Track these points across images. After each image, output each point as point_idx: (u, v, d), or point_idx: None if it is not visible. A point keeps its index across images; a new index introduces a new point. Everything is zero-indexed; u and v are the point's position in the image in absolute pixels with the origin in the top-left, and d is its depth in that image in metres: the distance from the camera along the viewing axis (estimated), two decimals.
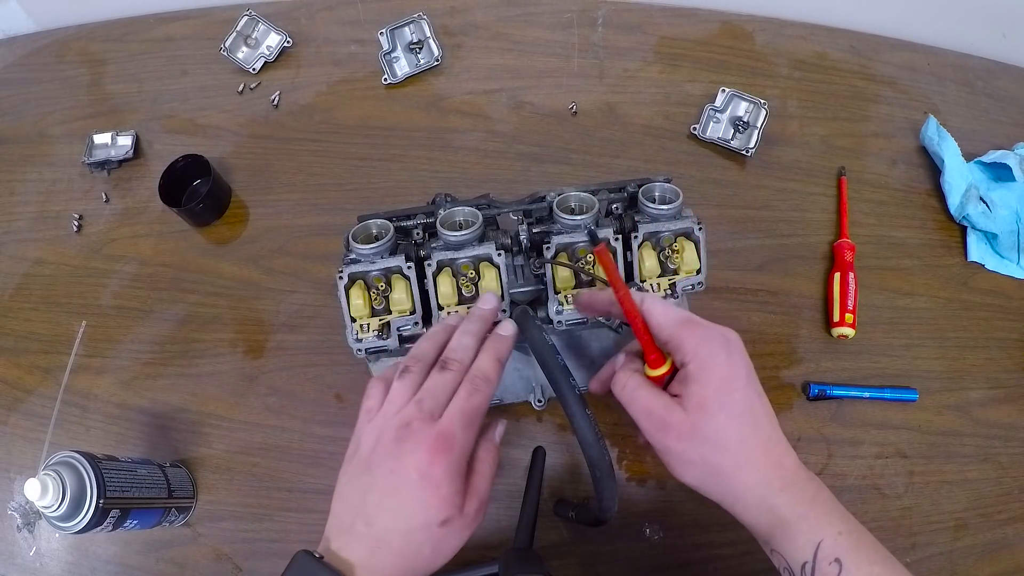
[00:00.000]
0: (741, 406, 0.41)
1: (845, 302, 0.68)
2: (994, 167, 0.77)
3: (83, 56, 0.88)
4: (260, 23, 0.85)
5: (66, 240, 0.77)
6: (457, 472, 0.42)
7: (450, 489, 0.41)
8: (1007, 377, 0.68)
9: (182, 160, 0.75)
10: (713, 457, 0.41)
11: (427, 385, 0.45)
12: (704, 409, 0.41)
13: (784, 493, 0.41)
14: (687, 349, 0.42)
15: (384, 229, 0.56)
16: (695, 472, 0.43)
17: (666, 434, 0.42)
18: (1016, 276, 0.73)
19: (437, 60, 0.82)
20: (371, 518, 0.41)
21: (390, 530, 0.41)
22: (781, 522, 0.41)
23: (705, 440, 0.41)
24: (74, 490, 0.50)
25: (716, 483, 0.43)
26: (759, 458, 0.42)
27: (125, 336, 0.71)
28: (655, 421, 0.42)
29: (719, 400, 0.41)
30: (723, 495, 0.43)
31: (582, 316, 0.56)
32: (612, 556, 0.60)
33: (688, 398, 0.41)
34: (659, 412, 0.42)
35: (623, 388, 0.45)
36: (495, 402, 0.63)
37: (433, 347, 0.48)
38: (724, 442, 0.41)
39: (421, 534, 0.41)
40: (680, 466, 0.43)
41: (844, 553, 0.39)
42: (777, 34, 0.87)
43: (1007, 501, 0.63)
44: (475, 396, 0.44)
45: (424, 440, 0.41)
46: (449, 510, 0.41)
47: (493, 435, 0.48)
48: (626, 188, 0.60)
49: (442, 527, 0.42)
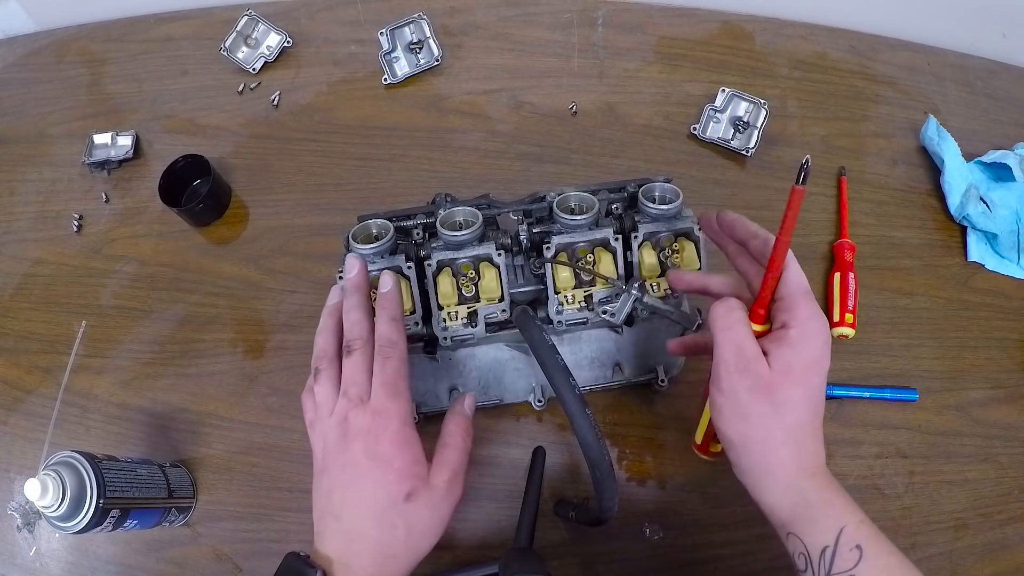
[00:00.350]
0: (814, 391, 0.42)
1: (845, 302, 0.68)
2: (994, 167, 0.77)
3: (83, 56, 0.88)
4: (260, 23, 0.85)
5: (66, 240, 0.77)
6: (405, 442, 0.43)
7: (404, 460, 0.43)
8: (1007, 377, 0.68)
9: (182, 160, 0.75)
10: (770, 422, 0.41)
11: (344, 375, 0.46)
12: (788, 375, 0.41)
13: (815, 477, 0.42)
14: (799, 314, 0.42)
15: (384, 229, 0.56)
16: (744, 428, 0.42)
17: (743, 377, 0.42)
18: (1016, 276, 0.73)
19: (437, 60, 0.82)
20: (338, 513, 0.43)
21: (358, 518, 0.42)
22: (806, 504, 0.41)
23: (773, 403, 0.41)
24: (74, 490, 0.50)
25: (757, 449, 0.42)
26: (805, 441, 0.42)
27: (125, 336, 0.71)
28: (741, 360, 0.42)
29: (803, 375, 0.41)
30: (755, 464, 0.42)
31: (582, 319, 0.56)
32: (612, 556, 0.60)
33: (777, 358, 0.41)
34: (749, 355, 0.42)
35: (727, 315, 0.43)
36: (495, 401, 0.63)
37: (330, 338, 0.48)
38: (787, 413, 0.41)
39: (389, 514, 0.42)
40: (732, 415, 0.43)
41: (865, 541, 0.40)
42: (777, 34, 0.87)
43: (1007, 501, 0.63)
44: (389, 363, 0.45)
45: (362, 425, 0.43)
46: (410, 481, 0.42)
47: (462, 407, 0.50)
48: (626, 188, 0.60)
49: (408, 502, 0.42)
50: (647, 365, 0.63)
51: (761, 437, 0.42)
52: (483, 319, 0.55)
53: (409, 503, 0.42)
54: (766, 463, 0.42)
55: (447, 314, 0.55)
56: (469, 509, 0.62)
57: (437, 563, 0.59)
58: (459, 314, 0.55)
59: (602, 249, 0.55)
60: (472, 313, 0.55)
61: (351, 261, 0.51)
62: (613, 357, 0.63)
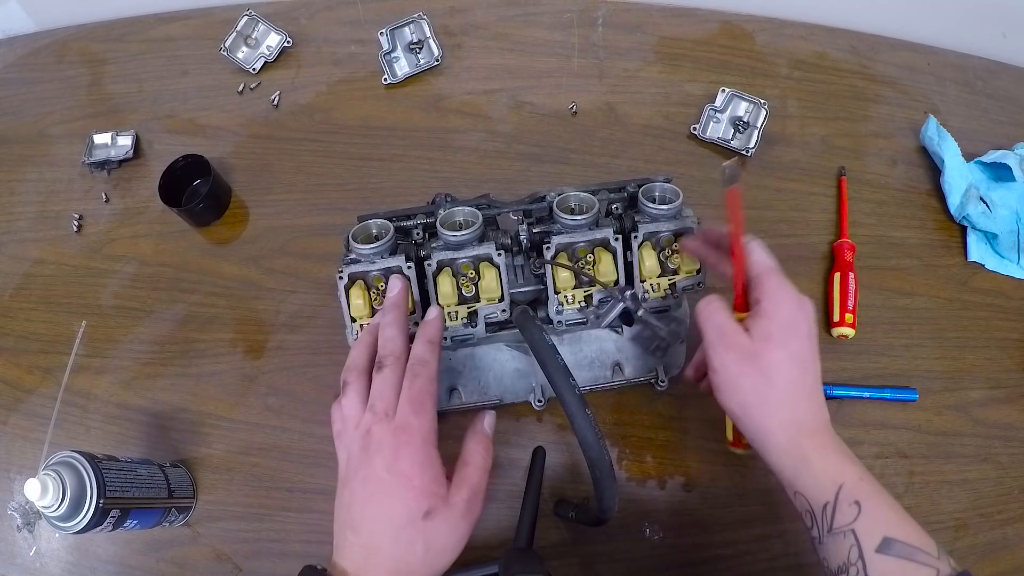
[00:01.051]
0: (798, 351, 0.45)
1: (845, 302, 0.68)
2: (994, 167, 0.77)
3: (83, 56, 0.88)
4: (260, 23, 0.85)
5: (66, 240, 0.77)
6: (426, 461, 0.43)
7: (424, 479, 0.42)
8: (1007, 377, 0.68)
9: (182, 160, 0.75)
10: (762, 388, 0.45)
11: (373, 389, 0.46)
12: (768, 341, 0.45)
13: (814, 437, 0.45)
14: (767, 288, 0.46)
15: (384, 229, 0.56)
16: (741, 398, 0.46)
17: (729, 352, 0.46)
18: (1016, 276, 0.73)
19: (437, 60, 0.82)
20: (357, 526, 0.43)
21: (376, 533, 0.42)
22: (806, 461, 0.44)
23: (759, 369, 0.45)
24: (74, 490, 0.50)
25: (756, 414, 0.45)
26: (800, 401, 0.45)
27: (125, 336, 0.71)
28: (725, 339, 0.46)
29: (782, 337, 0.45)
30: (757, 429, 0.45)
31: (582, 319, 0.56)
32: (612, 556, 0.60)
33: (756, 329, 0.46)
34: (730, 332, 0.46)
35: (706, 306, 0.48)
36: (495, 401, 0.63)
37: (363, 351, 0.49)
38: (775, 376, 0.45)
39: (407, 531, 0.42)
40: (729, 389, 0.46)
41: (863, 497, 0.42)
42: (777, 34, 0.87)
43: (1007, 501, 0.63)
44: (417, 380, 0.46)
45: (385, 440, 0.43)
46: (429, 500, 0.42)
47: (482, 426, 0.50)
48: (626, 188, 0.60)
49: (427, 519, 0.42)
50: (647, 365, 0.63)
51: (757, 403, 0.45)
52: (483, 319, 0.55)
53: (428, 521, 0.42)
54: (765, 426, 0.45)
55: (447, 314, 0.55)
56: None
57: None
58: (459, 314, 0.55)
59: (602, 249, 0.55)
60: (472, 313, 0.55)
61: (394, 281, 0.52)
62: (613, 357, 0.63)
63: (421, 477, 0.42)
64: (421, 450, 0.43)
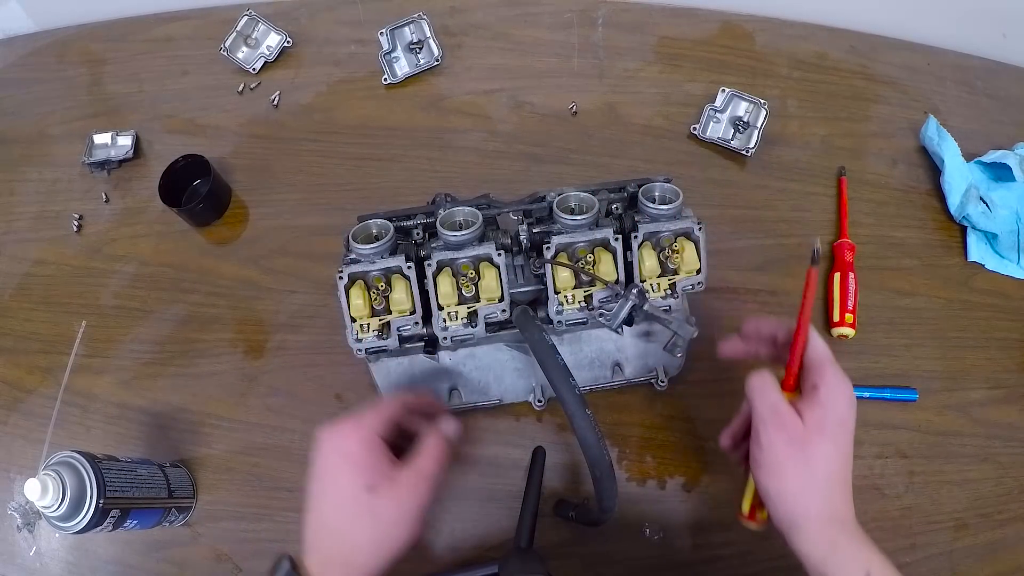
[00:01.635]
0: (844, 445, 0.46)
1: (845, 302, 0.68)
2: (994, 167, 0.77)
3: (83, 56, 0.88)
4: (260, 23, 0.85)
5: (66, 240, 0.77)
6: (373, 443, 0.47)
7: (369, 457, 0.46)
8: (1007, 377, 0.68)
9: (182, 160, 0.75)
10: (805, 475, 0.45)
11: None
12: (821, 432, 0.45)
13: (844, 527, 0.46)
14: (827, 377, 0.47)
15: (384, 229, 0.56)
16: (782, 481, 0.46)
17: (780, 433, 0.46)
18: (1016, 276, 0.73)
19: (437, 60, 0.82)
20: (310, 505, 0.47)
21: (324, 509, 0.46)
22: (836, 549, 0.44)
23: (806, 457, 0.45)
24: (74, 490, 0.50)
25: (793, 500, 0.45)
26: (836, 493, 0.46)
27: (125, 336, 0.71)
28: (777, 419, 0.46)
29: (833, 430, 0.46)
30: (791, 514, 0.45)
31: (582, 319, 0.56)
32: (612, 556, 0.60)
33: (810, 417, 0.46)
34: (784, 413, 0.46)
35: (760, 382, 0.48)
36: (495, 401, 0.63)
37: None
38: (819, 466, 0.45)
39: (352, 504, 0.45)
40: (771, 469, 0.46)
41: None
42: (777, 34, 0.87)
43: (1007, 501, 0.63)
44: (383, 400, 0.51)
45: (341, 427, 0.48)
46: (371, 475, 0.46)
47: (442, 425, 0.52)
48: (626, 188, 0.60)
49: (371, 494, 0.45)
50: (647, 365, 0.63)
51: (797, 489, 0.45)
52: (483, 319, 0.55)
53: (372, 495, 0.45)
54: (801, 513, 0.45)
55: (447, 314, 0.55)
56: (469, 509, 0.62)
57: (437, 563, 0.60)
58: (459, 314, 0.55)
59: (602, 249, 0.55)
60: (472, 313, 0.55)
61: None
62: (613, 357, 0.63)
63: (366, 456, 0.46)
64: (368, 436, 0.47)
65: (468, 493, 0.62)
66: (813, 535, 0.45)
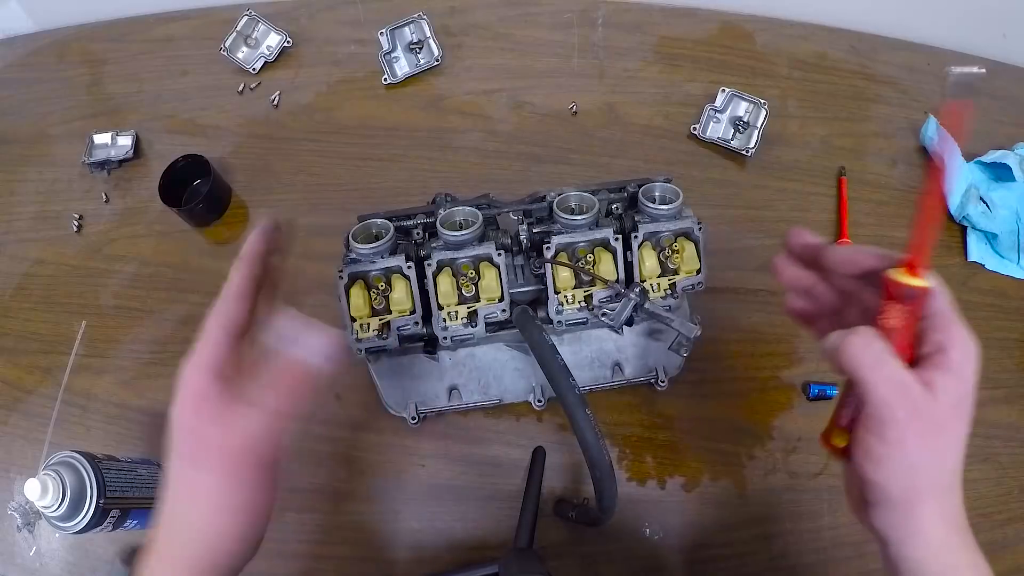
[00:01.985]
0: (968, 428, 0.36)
1: None
2: (994, 167, 0.77)
3: (83, 56, 0.88)
4: (260, 23, 0.85)
5: (66, 240, 0.77)
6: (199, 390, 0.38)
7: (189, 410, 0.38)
8: (1007, 377, 0.68)
9: (182, 160, 0.75)
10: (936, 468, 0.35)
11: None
12: (958, 410, 0.34)
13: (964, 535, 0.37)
14: (955, 335, 0.35)
15: (384, 229, 0.56)
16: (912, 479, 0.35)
17: (913, 422, 0.33)
18: (1016, 276, 0.73)
19: (437, 60, 0.82)
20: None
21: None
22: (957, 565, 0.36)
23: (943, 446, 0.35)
24: (74, 490, 0.50)
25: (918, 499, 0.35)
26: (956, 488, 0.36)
27: (125, 336, 0.71)
28: (907, 401, 0.33)
29: (967, 407, 0.35)
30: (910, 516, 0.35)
31: (582, 319, 0.56)
32: (612, 556, 0.60)
33: (945, 391, 0.34)
34: (916, 393, 0.34)
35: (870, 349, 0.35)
36: (495, 401, 0.63)
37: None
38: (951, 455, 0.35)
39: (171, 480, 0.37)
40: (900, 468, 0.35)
41: None
42: (777, 34, 0.87)
43: (1007, 501, 0.63)
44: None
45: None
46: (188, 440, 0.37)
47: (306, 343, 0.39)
48: (626, 188, 0.60)
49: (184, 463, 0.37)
50: (647, 365, 0.63)
51: (926, 486, 0.35)
52: (483, 319, 0.55)
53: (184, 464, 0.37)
54: (923, 514, 0.35)
55: (447, 314, 0.55)
56: (469, 509, 0.62)
57: (437, 563, 0.60)
58: (459, 314, 0.55)
59: (602, 249, 0.55)
60: (472, 313, 0.55)
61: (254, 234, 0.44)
62: (613, 357, 0.63)
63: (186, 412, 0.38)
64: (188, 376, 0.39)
65: (468, 493, 0.62)
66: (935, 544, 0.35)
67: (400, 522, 0.61)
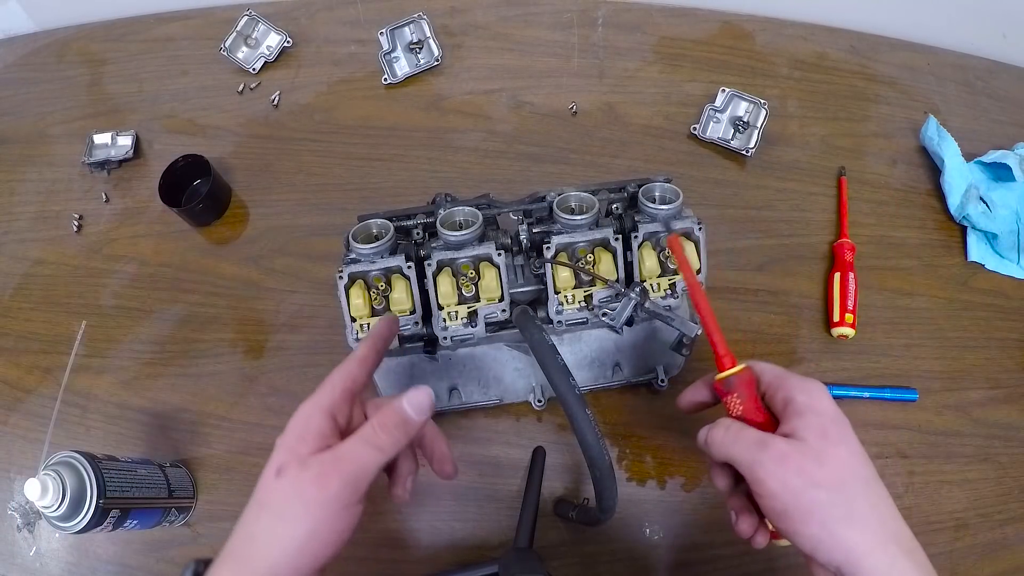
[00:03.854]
0: (856, 446, 0.38)
1: (845, 302, 0.68)
2: (994, 167, 0.77)
3: (83, 56, 0.88)
4: (260, 23, 0.85)
5: (66, 240, 0.77)
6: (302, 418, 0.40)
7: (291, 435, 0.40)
8: (1007, 377, 0.68)
9: (182, 160, 0.75)
10: (839, 497, 0.37)
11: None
12: (826, 438, 0.37)
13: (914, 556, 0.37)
14: (793, 384, 0.40)
15: (384, 229, 0.56)
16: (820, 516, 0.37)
17: (783, 464, 0.37)
18: (1016, 276, 0.73)
19: (437, 60, 0.82)
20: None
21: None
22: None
23: (830, 475, 0.37)
24: (74, 490, 0.50)
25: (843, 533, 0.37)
26: (883, 508, 0.38)
27: (125, 336, 0.71)
28: (772, 451, 0.37)
29: (838, 431, 0.38)
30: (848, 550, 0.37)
31: (582, 319, 0.56)
32: (612, 556, 0.60)
33: (805, 428, 0.38)
34: (774, 441, 0.38)
35: (724, 430, 0.41)
36: (495, 401, 0.63)
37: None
38: (849, 480, 0.37)
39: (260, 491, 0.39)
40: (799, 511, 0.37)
41: None
42: (777, 34, 0.87)
43: (1007, 501, 0.63)
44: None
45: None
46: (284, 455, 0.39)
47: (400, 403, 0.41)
48: (626, 188, 0.60)
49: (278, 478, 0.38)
50: (647, 365, 0.63)
51: (840, 516, 0.37)
52: (483, 319, 0.55)
53: (278, 479, 0.38)
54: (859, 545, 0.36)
55: (447, 314, 0.55)
56: (469, 509, 0.62)
57: (437, 563, 0.60)
58: (459, 314, 0.55)
59: (602, 249, 0.55)
60: (472, 313, 0.55)
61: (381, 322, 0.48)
62: (613, 357, 0.63)
63: (290, 433, 0.40)
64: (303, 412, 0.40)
65: (468, 493, 0.62)
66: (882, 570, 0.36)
67: (400, 522, 0.61)
